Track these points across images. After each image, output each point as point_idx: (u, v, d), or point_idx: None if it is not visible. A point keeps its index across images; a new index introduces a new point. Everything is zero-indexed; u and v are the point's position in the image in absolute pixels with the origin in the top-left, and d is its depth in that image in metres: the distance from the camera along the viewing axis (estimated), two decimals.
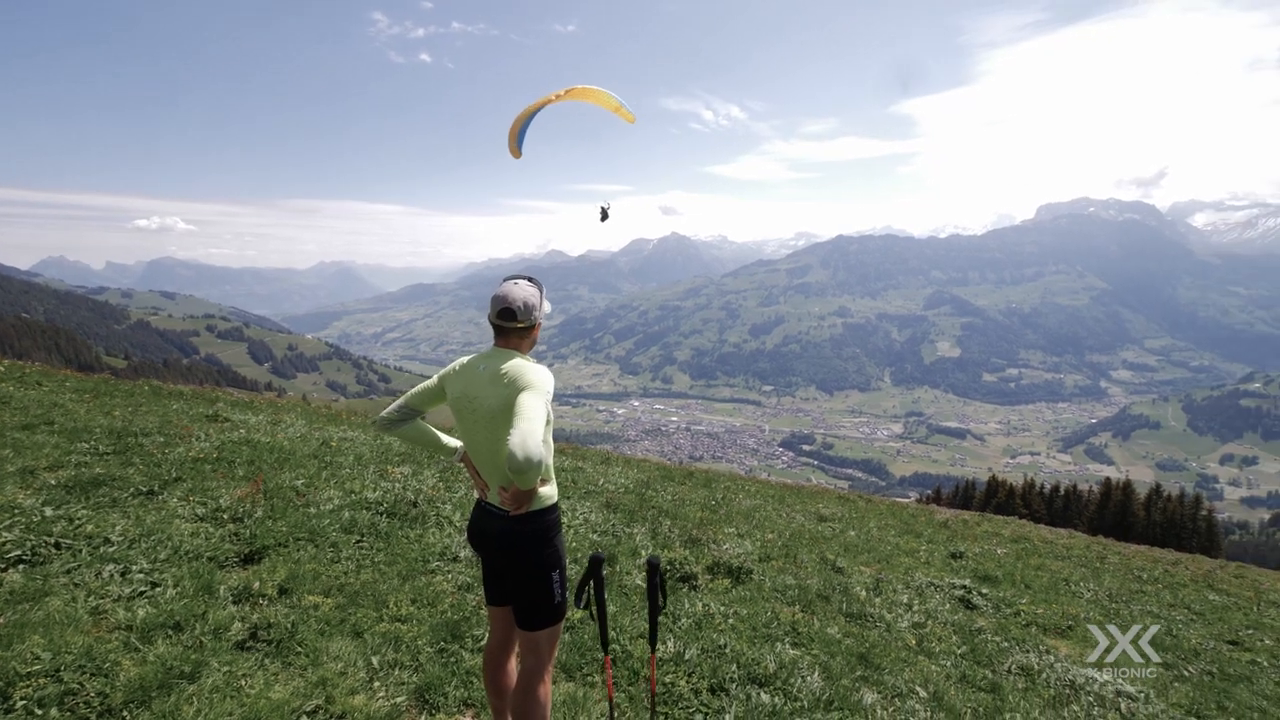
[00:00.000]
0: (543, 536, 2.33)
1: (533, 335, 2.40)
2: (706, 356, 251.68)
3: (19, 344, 63.35)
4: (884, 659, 4.22)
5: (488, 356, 2.35)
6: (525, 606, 2.36)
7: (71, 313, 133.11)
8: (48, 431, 6.01)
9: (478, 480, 2.43)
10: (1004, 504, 30.86)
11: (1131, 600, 7.91)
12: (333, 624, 3.38)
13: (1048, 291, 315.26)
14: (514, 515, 2.28)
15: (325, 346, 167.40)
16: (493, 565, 2.45)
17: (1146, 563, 11.13)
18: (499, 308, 2.30)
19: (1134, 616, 7.04)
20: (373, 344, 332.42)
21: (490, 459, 2.32)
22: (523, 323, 2.31)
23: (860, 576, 6.62)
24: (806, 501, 12.39)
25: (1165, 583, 9.50)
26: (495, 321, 2.33)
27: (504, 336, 2.35)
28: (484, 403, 2.25)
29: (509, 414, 2.12)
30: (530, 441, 1.94)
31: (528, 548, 2.31)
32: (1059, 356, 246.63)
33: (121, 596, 3.28)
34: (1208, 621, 7.41)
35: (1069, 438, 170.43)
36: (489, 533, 2.38)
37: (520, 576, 2.34)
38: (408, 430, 2.44)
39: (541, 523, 2.33)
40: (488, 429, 2.27)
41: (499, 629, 2.53)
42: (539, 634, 2.37)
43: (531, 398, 2.11)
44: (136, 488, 4.85)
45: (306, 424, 9.13)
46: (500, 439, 2.19)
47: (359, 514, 5.07)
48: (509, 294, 2.31)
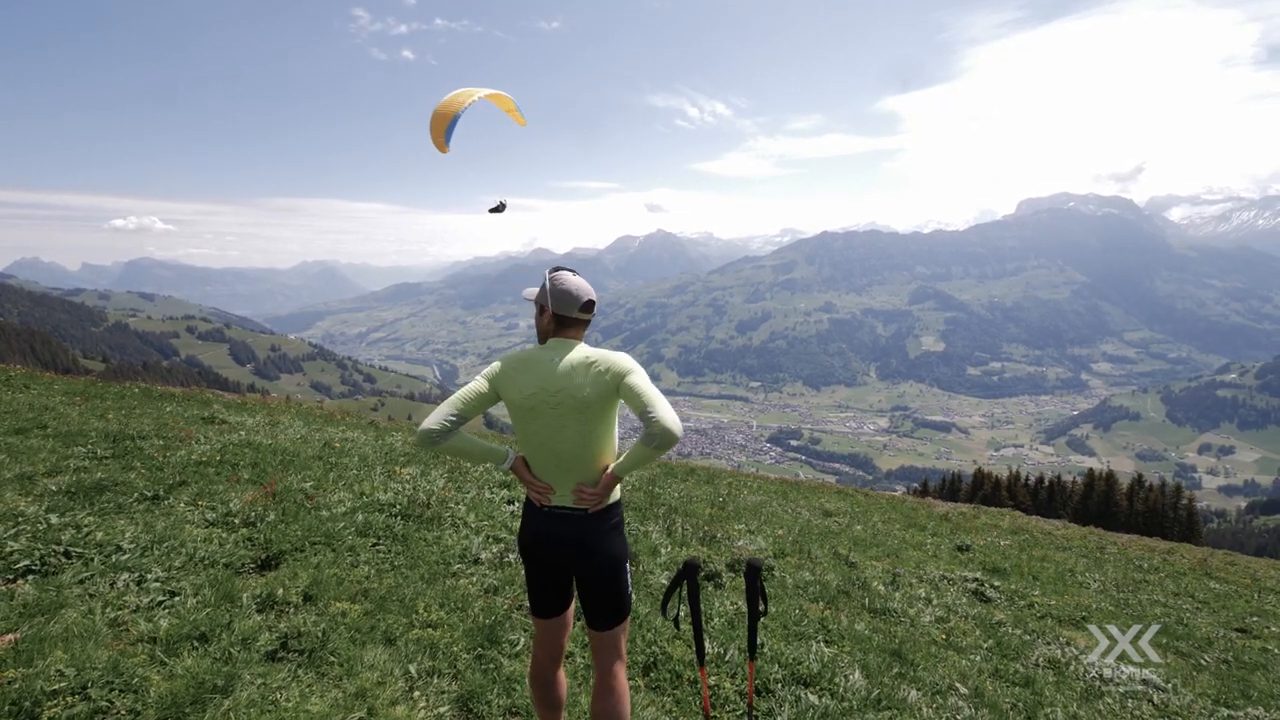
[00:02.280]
0: (618, 529, 2.29)
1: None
2: (694, 353, 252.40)
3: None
4: (916, 655, 4.20)
5: (553, 349, 2.24)
6: (603, 606, 2.28)
7: (47, 315, 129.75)
8: (41, 436, 5.77)
9: (537, 485, 2.27)
10: (990, 496, 31.31)
11: (1138, 590, 8.01)
12: (363, 631, 3.25)
13: (1029, 286, 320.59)
14: (592, 513, 2.22)
15: (309, 347, 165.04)
16: (556, 572, 2.32)
17: (1144, 552, 11.30)
18: (585, 299, 2.26)
19: (1143, 606, 7.13)
20: (357, 344, 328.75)
21: (576, 453, 2.21)
22: (592, 314, 2.30)
23: (874, 571, 6.61)
24: (809, 497, 12.42)
25: (1166, 571, 9.65)
26: (576, 315, 2.26)
27: (572, 328, 2.28)
28: (575, 394, 2.15)
29: (605, 403, 2.15)
30: (674, 416, 2.03)
31: (607, 544, 2.25)
32: (1041, 350, 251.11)
33: (140, 607, 3.13)
34: (1213, 610, 7.53)
35: (1051, 429, 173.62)
36: (562, 537, 2.25)
37: (599, 576, 2.26)
38: (456, 442, 2.18)
39: (616, 515, 2.30)
40: (579, 421, 2.17)
41: (549, 642, 2.40)
42: (616, 631, 2.31)
43: (643, 380, 2.15)
44: (141, 493, 4.67)
45: (305, 425, 8.92)
46: (592, 430, 2.18)
47: (372, 516, 4.93)
48: (587, 288, 2.29)
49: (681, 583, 2.45)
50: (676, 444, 2.05)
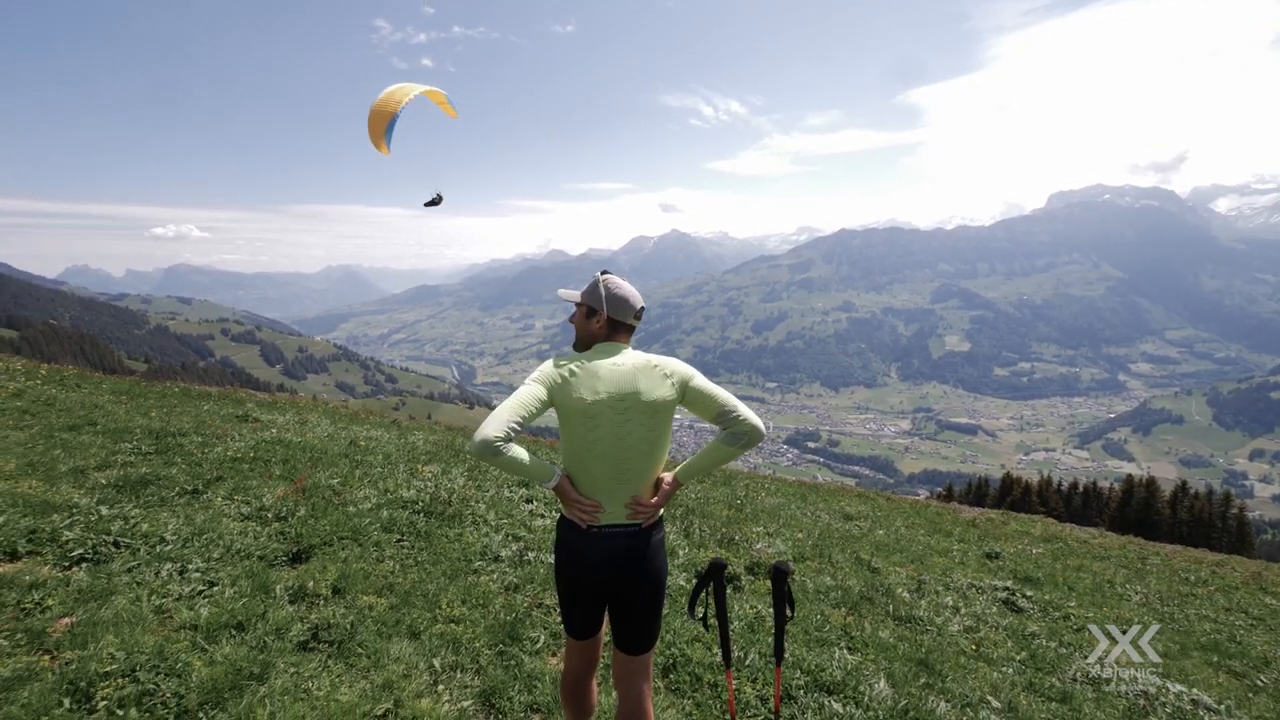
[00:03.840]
0: (663, 543, 2.26)
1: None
2: (709, 354, 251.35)
3: (48, 349, 64.79)
4: (944, 665, 4.13)
5: (607, 353, 2.17)
6: (644, 628, 2.22)
7: (95, 318, 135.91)
8: (92, 432, 6.06)
9: (585, 504, 2.13)
10: (1020, 501, 30.46)
11: (1184, 604, 7.72)
12: (389, 625, 3.35)
13: (1061, 282, 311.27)
14: (646, 527, 2.16)
15: (334, 348, 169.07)
16: (601, 595, 2.22)
17: (1189, 563, 10.87)
18: (640, 305, 2.23)
19: (1190, 621, 6.86)
20: (379, 345, 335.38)
21: (639, 462, 2.12)
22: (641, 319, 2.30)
23: (898, 577, 6.52)
24: (828, 500, 12.29)
25: (1216, 585, 9.25)
26: (630, 321, 2.23)
27: (624, 334, 2.24)
28: (644, 398, 2.09)
29: (670, 408, 2.14)
30: (757, 416, 2.08)
31: (654, 560, 2.18)
32: (1074, 349, 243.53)
33: (182, 595, 3.28)
34: (1269, 627, 7.17)
35: (1086, 433, 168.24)
36: (615, 554, 2.14)
37: (645, 595, 2.19)
38: (515, 455, 1.94)
39: (663, 529, 2.27)
40: (644, 427, 2.10)
41: (586, 657, 2.34)
42: (649, 654, 2.27)
43: (709, 382, 2.17)
44: (181, 487, 4.87)
45: (331, 423, 9.17)
46: (657, 437, 2.13)
47: (396, 513, 5.05)
48: (638, 294, 2.26)
49: (708, 583, 2.41)
50: (761, 439, 2.08)
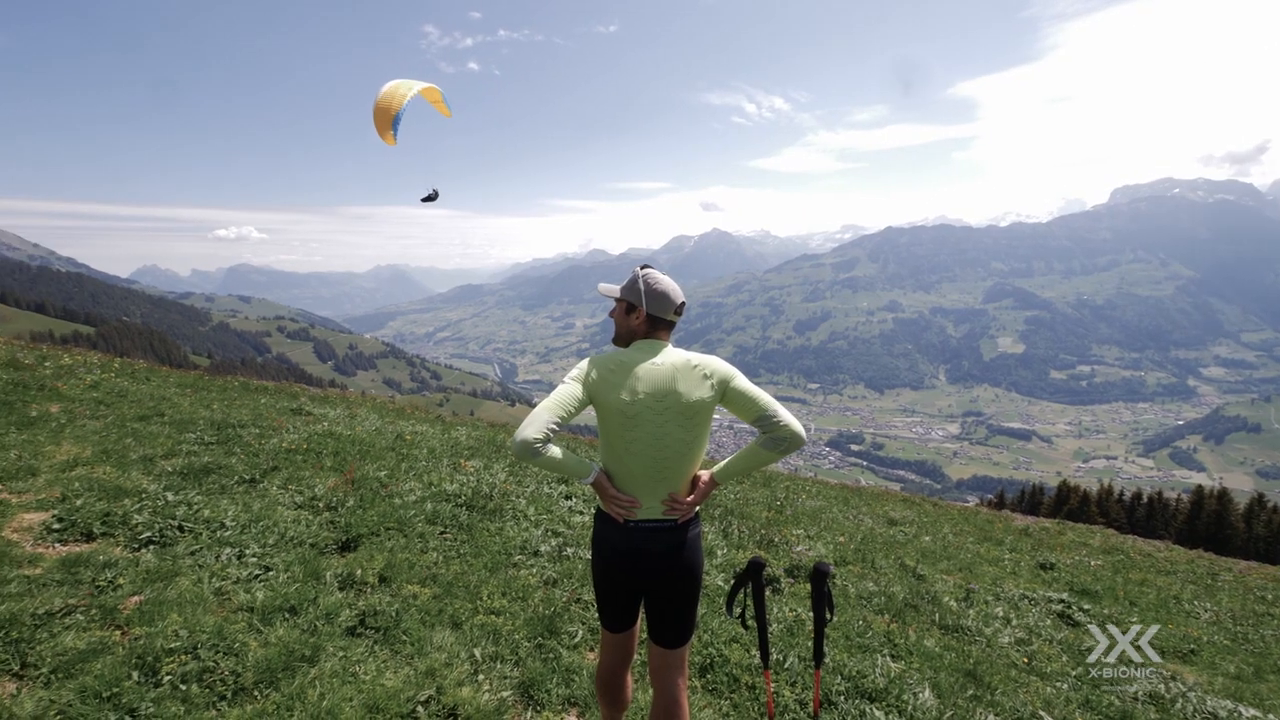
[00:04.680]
0: (699, 539, 2.24)
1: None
2: (749, 354, 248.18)
3: (121, 344, 69.98)
4: (993, 677, 3.95)
5: (647, 351, 2.13)
6: (680, 622, 2.21)
7: (163, 316, 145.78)
8: (160, 423, 6.45)
9: (622, 500, 2.12)
10: (1077, 511, 28.88)
11: (1260, 624, 7.16)
12: (432, 614, 3.43)
13: (1124, 281, 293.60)
14: (682, 523, 2.16)
15: (382, 346, 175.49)
16: (637, 589, 2.22)
17: (1266, 581, 10.09)
18: (680, 300, 2.18)
19: (1266, 643, 6.37)
20: (425, 343, 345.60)
21: (676, 461, 2.10)
22: (682, 315, 2.25)
23: (945, 585, 6.28)
24: (871, 504, 11.95)
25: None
26: (670, 317, 2.18)
27: (664, 330, 2.20)
28: (683, 399, 2.06)
29: (710, 408, 2.10)
30: (797, 421, 2.06)
31: (690, 555, 2.17)
32: (1138, 352, 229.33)
33: (240, 579, 3.45)
34: None
35: (1151, 441, 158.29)
36: (650, 552, 2.14)
37: (681, 590, 2.18)
38: (552, 455, 1.96)
39: (699, 525, 2.25)
40: (683, 427, 2.08)
41: (622, 650, 2.35)
42: (685, 648, 2.25)
43: (750, 383, 2.13)
44: (240, 476, 5.12)
45: (379, 418, 9.48)
46: (695, 436, 2.11)
47: (440, 506, 5.17)
48: (679, 289, 2.21)
49: (746, 583, 2.38)
50: (803, 444, 2.04)
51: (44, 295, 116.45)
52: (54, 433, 5.59)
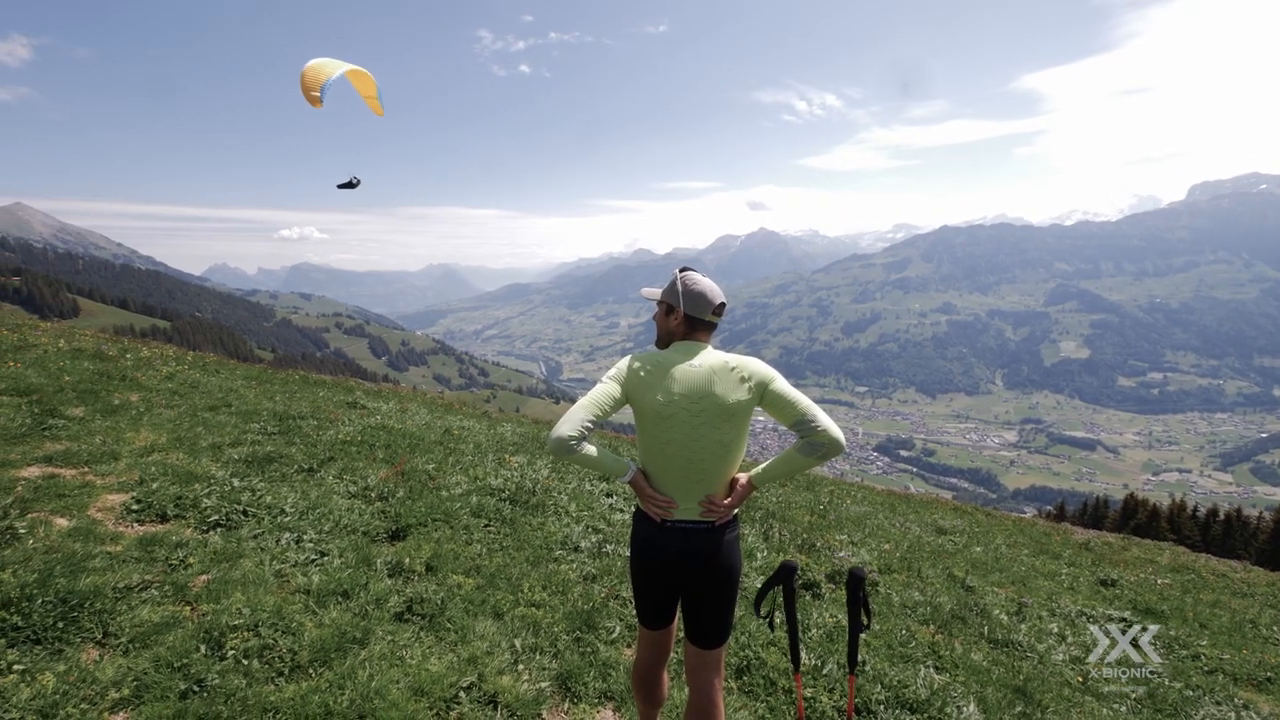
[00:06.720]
0: (737, 540, 2.23)
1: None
2: (795, 355, 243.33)
3: (193, 338, 75.22)
4: (1045, 695, 3.76)
5: (686, 352, 2.13)
6: (717, 622, 2.20)
7: (231, 312, 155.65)
8: (228, 413, 6.87)
9: (659, 499, 2.13)
10: (1145, 526, 26.99)
11: None
12: (475, 604, 3.54)
13: (1203, 284, 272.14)
14: (719, 525, 2.15)
15: (433, 342, 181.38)
16: (674, 588, 2.22)
17: None
18: (718, 301, 2.16)
19: None
20: (473, 340, 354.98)
21: (712, 463, 2.09)
22: (722, 316, 2.24)
23: (996, 598, 6.01)
24: (920, 511, 11.55)
25: None
26: (709, 318, 2.17)
27: (702, 331, 2.20)
28: (719, 400, 2.05)
29: (748, 411, 2.08)
30: (837, 428, 2.00)
31: (728, 556, 2.17)
32: (1217, 359, 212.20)
33: (298, 563, 3.64)
34: None
35: (1230, 454, 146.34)
36: (686, 552, 2.14)
37: (718, 590, 2.18)
38: (587, 453, 2.00)
39: (737, 527, 2.24)
40: (719, 429, 2.06)
41: (659, 647, 2.36)
42: (721, 649, 2.25)
43: (790, 386, 2.08)
44: (299, 465, 5.41)
45: (429, 413, 9.81)
46: (732, 439, 2.09)
47: (485, 499, 5.31)
48: (718, 289, 2.18)
49: (777, 584, 2.36)
50: (842, 450, 1.98)
51: (126, 292, 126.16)
52: (133, 420, 6.04)
